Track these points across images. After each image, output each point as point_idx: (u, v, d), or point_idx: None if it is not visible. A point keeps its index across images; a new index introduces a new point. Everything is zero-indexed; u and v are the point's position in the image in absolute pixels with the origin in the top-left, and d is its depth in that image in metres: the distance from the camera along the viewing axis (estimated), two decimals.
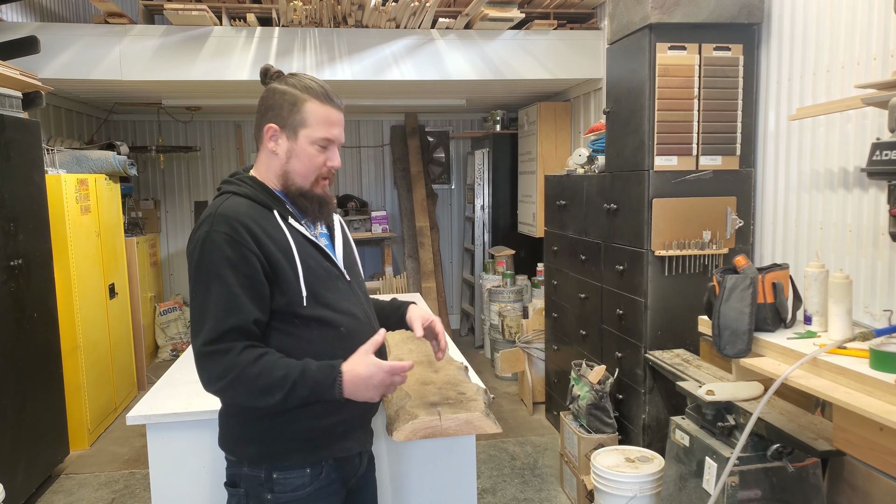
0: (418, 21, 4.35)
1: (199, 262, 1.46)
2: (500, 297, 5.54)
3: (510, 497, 3.44)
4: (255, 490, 1.54)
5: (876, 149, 1.93)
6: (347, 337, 1.57)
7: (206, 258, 1.45)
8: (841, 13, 2.54)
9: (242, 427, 1.55)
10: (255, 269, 1.46)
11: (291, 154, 1.56)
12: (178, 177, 6.74)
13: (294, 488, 1.54)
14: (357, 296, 1.67)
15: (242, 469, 1.56)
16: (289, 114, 1.54)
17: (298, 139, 1.54)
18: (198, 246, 1.47)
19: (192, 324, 1.49)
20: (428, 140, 6.98)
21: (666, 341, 3.00)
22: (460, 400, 1.90)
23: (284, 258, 1.50)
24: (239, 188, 1.56)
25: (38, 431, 3.53)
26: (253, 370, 1.42)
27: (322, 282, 1.56)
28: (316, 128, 1.53)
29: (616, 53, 3.25)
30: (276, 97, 1.55)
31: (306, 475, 1.55)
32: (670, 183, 2.95)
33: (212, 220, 1.48)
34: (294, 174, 1.56)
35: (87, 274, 4.25)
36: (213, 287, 1.44)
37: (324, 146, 1.55)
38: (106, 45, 4.20)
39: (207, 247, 1.45)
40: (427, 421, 1.77)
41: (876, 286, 2.39)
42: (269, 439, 1.53)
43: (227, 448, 1.60)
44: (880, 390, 1.66)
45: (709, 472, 2.19)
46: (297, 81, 1.56)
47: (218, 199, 1.55)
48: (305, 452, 1.55)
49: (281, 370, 1.43)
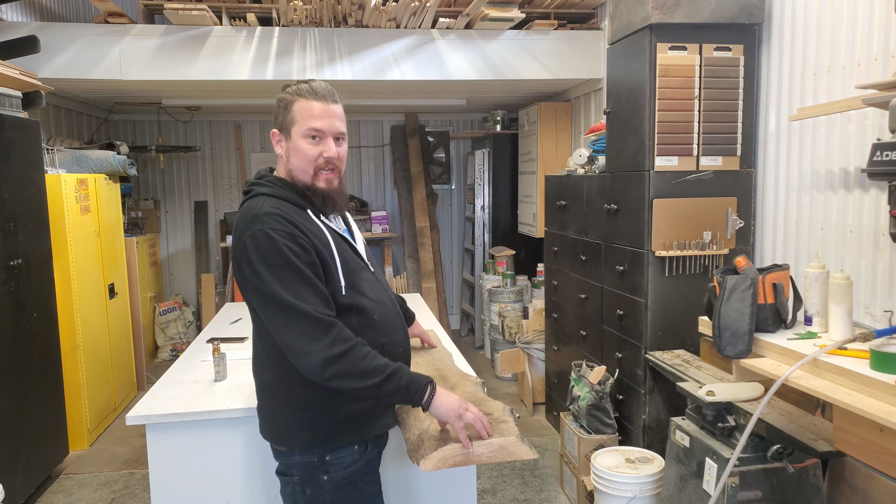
0: (418, 21, 4.34)
1: (264, 259, 1.53)
2: (500, 297, 5.54)
3: (510, 497, 3.44)
4: (311, 474, 1.65)
5: (876, 149, 1.92)
6: (380, 323, 1.69)
7: (272, 254, 1.53)
8: (842, 14, 2.54)
9: (293, 417, 1.64)
10: (314, 258, 1.57)
11: (290, 152, 1.68)
12: (177, 177, 6.73)
13: (346, 466, 1.65)
14: (382, 284, 1.80)
15: (294, 457, 1.66)
16: (283, 117, 1.68)
17: (292, 136, 1.67)
18: (251, 246, 1.54)
19: (278, 314, 1.53)
20: (428, 140, 6.98)
21: (666, 342, 2.99)
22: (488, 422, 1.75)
23: (325, 251, 1.61)
24: (272, 190, 1.66)
25: (37, 431, 3.53)
26: (361, 350, 1.53)
27: (354, 273, 1.68)
28: (303, 122, 1.65)
29: (616, 53, 3.25)
30: (276, 105, 1.71)
31: (355, 452, 1.67)
32: (671, 183, 2.94)
33: (261, 219, 1.56)
34: (295, 170, 1.67)
35: (87, 274, 4.25)
36: (288, 275, 1.52)
37: (314, 137, 1.65)
38: (106, 44, 4.20)
39: (265, 245, 1.53)
40: (457, 448, 1.60)
41: (876, 287, 2.38)
42: (321, 425, 1.63)
43: (276, 439, 1.69)
44: (881, 391, 1.66)
45: (709, 473, 2.19)
46: (294, 87, 1.69)
47: (255, 201, 1.63)
48: (353, 433, 1.66)
49: (382, 359, 1.56)
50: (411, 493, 2.20)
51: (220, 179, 6.79)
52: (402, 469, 2.18)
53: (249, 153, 6.79)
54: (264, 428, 1.72)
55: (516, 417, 1.81)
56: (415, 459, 1.65)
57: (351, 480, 1.66)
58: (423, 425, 1.74)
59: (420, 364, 2.26)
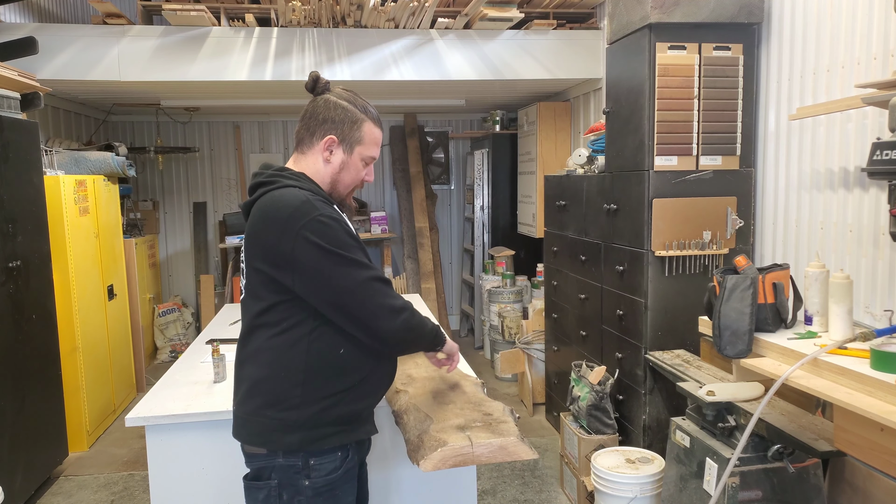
0: (417, 21, 4.34)
1: (334, 241, 1.56)
2: (499, 297, 5.54)
3: (510, 498, 3.43)
4: (291, 478, 1.62)
5: (876, 148, 1.92)
6: None
7: (340, 235, 1.58)
8: (841, 13, 2.54)
9: (284, 417, 1.61)
10: (359, 239, 1.65)
11: (344, 166, 1.73)
12: (176, 178, 6.73)
13: (328, 472, 1.63)
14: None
15: (276, 460, 1.62)
16: (349, 130, 1.70)
17: (353, 154, 1.72)
18: (321, 230, 1.55)
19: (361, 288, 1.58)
20: (427, 140, 6.98)
21: (666, 342, 2.99)
22: (488, 422, 1.75)
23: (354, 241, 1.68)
24: (301, 183, 1.66)
25: (36, 433, 3.52)
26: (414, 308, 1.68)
27: None
28: (369, 146, 1.74)
29: (616, 53, 3.24)
30: (339, 112, 1.70)
31: (338, 458, 1.65)
32: (670, 183, 2.94)
33: (314, 206, 1.57)
34: (341, 184, 1.74)
35: (86, 275, 4.24)
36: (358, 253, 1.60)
37: (367, 163, 1.76)
38: (104, 45, 4.20)
39: (333, 227, 1.57)
40: (457, 448, 1.60)
41: (876, 286, 2.38)
42: (312, 426, 1.61)
43: (259, 442, 1.64)
44: (881, 390, 1.66)
45: (709, 473, 2.19)
46: (355, 100, 1.73)
47: (290, 192, 1.60)
48: (341, 436, 1.64)
49: (421, 314, 1.71)
50: (411, 494, 2.20)
51: (218, 180, 6.79)
52: (402, 469, 2.18)
53: (248, 154, 6.78)
54: (244, 431, 1.66)
55: (516, 418, 1.82)
56: (415, 459, 1.66)
57: (330, 488, 1.64)
58: (424, 425, 1.74)
59: (420, 365, 2.26)
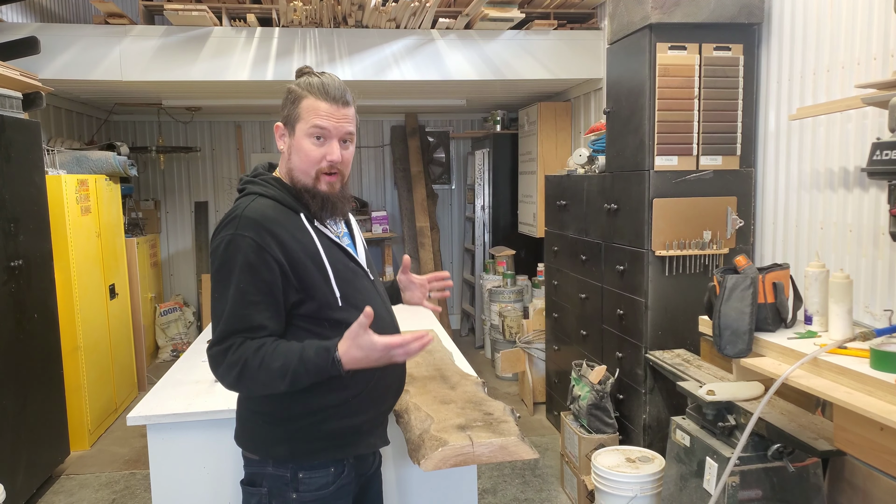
0: (418, 21, 4.34)
1: (221, 265, 1.47)
2: (500, 297, 5.54)
3: (511, 497, 3.44)
4: (280, 489, 1.56)
5: (876, 148, 1.92)
6: None
7: (229, 261, 1.46)
8: (841, 13, 2.54)
9: (272, 427, 1.55)
10: (275, 276, 1.46)
11: (292, 149, 1.57)
12: (178, 177, 6.73)
13: (318, 487, 1.55)
14: (380, 294, 1.70)
15: (266, 468, 1.56)
16: (289, 111, 1.56)
17: (296, 133, 1.55)
18: (221, 247, 1.47)
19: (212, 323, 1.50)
20: (428, 140, 6.98)
21: (666, 341, 3.00)
22: (489, 422, 1.74)
23: (313, 263, 1.51)
24: (265, 189, 1.55)
25: (38, 432, 3.53)
26: (254, 363, 1.42)
27: (350, 283, 1.58)
28: (307, 119, 1.53)
29: (616, 53, 3.25)
30: (285, 97, 1.58)
31: (330, 474, 1.57)
32: (671, 183, 2.95)
33: (237, 222, 1.47)
34: (296, 170, 1.56)
35: (88, 274, 4.25)
36: (230, 290, 1.45)
37: (318, 137, 1.53)
38: (106, 45, 4.20)
39: (231, 250, 1.46)
40: (458, 448, 1.60)
41: (876, 286, 2.38)
42: (301, 439, 1.54)
43: (250, 448, 1.59)
44: (881, 390, 1.66)
45: (709, 472, 2.19)
46: (305, 79, 1.57)
47: (244, 200, 1.54)
48: (334, 450, 1.56)
49: (279, 360, 1.42)
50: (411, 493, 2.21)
51: (220, 180, 6.80)
52: (402, 469, 2.19)
53: (249, 153, 6.79)
54: (240, 434, 1.62)
55: (517, 417, 1.82)
56: (415, 459, 1.66)
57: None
58: (424, 425, 1.74)
59: (420, 364, 2.27)
